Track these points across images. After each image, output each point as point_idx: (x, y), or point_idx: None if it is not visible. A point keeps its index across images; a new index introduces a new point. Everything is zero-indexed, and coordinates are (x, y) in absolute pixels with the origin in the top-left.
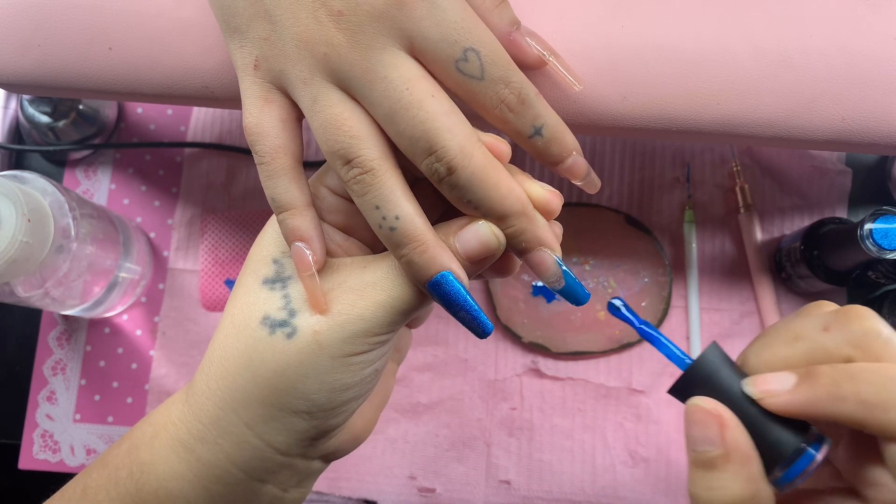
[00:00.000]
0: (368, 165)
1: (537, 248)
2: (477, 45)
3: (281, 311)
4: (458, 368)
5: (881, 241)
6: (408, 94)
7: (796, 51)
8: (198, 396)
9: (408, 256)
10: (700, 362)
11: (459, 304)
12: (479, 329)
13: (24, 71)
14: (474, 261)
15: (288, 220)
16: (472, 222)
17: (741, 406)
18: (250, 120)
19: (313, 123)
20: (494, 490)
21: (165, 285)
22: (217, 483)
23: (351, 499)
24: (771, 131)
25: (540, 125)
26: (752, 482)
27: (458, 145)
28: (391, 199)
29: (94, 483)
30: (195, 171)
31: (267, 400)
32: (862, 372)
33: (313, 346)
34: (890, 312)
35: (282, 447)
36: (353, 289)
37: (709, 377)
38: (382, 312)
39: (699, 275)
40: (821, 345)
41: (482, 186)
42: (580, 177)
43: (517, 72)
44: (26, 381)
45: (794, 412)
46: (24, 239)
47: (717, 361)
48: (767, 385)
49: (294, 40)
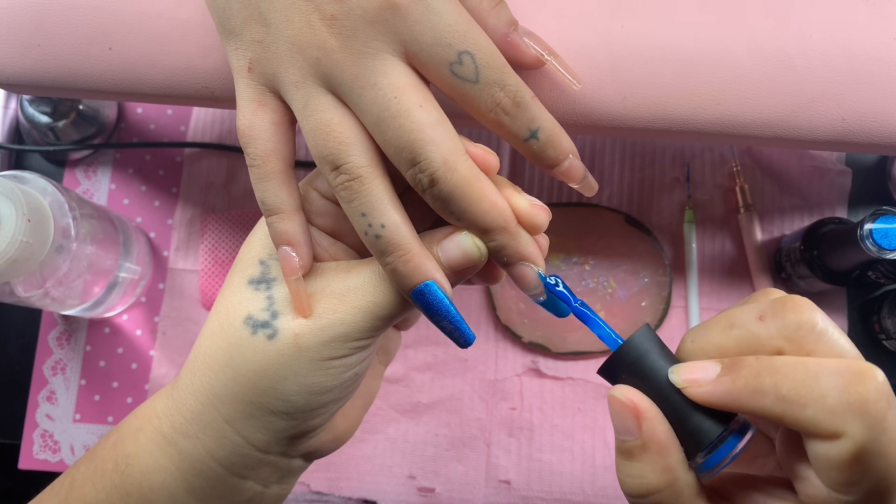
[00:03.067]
0: (356, 172)
1: (519, 263)
2: (472, 48)
3: (264, 313)
4: (458, 368)
5: (881, 241)
6: (395, 102)
7: (796, 51)
8: (181, 391)
9: (392, 265)
10: (629, 345)
11: (442, 313)
12: (460, 339)
13: (24, 71)
14: (457, 270)
15: (276, 224)
16: (455, 233)
17: (666, 392)
18: (243, 123)
19: (304, 127)
20: (494, 490)
21: (165, 285)
22: (198, 477)
23: (351, 499)
24: (771, 131)
25: (536, 128)
26: (669, 472)
27: (441, 157)
28: (377, 206)
29: (81, 476)
30: (195, 171)
31: (247, 398)
32: (784, 366)
33: (293, 348)
34: (890, 312)
35: (261, 445)
36: (335, 293)
37: (637, 360)
38: (363, 317)
39: (699, 275)
40: (754, 334)
41: (464, 200)
42: (577, 180)
43: (513, 75)
44: (26, 381)
45: (715, 403)
46: (24, 239)
47: (646, 344)
48: (691, 374)
49: (287, 43)
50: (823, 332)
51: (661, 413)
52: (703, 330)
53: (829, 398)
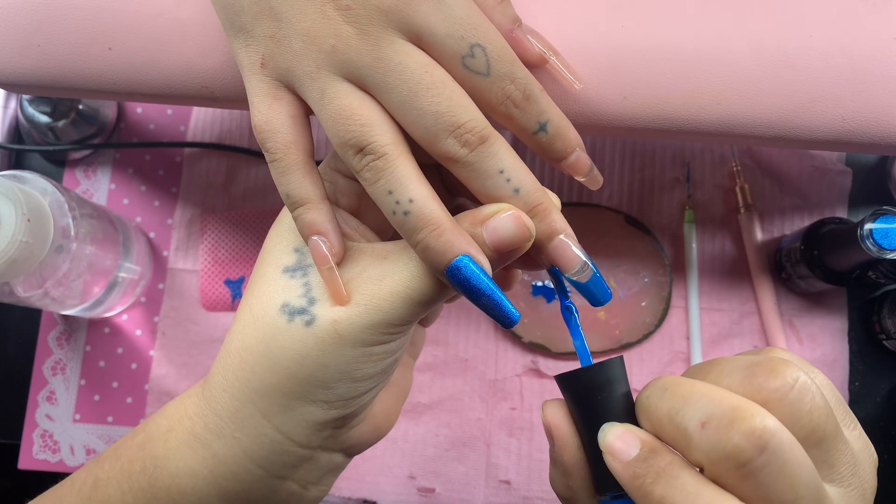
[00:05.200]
0: (381, 151)
1: (561, 237)
2: (483, 41)
3: (300, 299)
4: (458, 368)
5: (881, 240)
6: (428, 75)
7: (796, 51)
8: (214, 390)
9: (424, 241)
10: (594, 371)
11: (481, 289)
12: (504, 317)
13: (24, 71)
14: (502, 251)
15: (304, 215)
16: (500, 210)
17: (594, 429)
18: (259, 118)
19: (322, 116)
20: (494, 490)
21: (165, 285)
22: (233, 480)
23: (351, 499)
24: (771, 131)
25: (545, 121)
26: (570, 490)
27: (484, 118)
28: (404, 182)
29: (105, 475)
30: (195, 171)
31: (285, 388)
32: (683, 494)
33: (333, 335)
34: (890, 312)
35: (301, 439)
36: (372, 279)
37: (592, 389)
38: (401, 304)
39: (699, 275)
40: (687, 435)
41: (513, 155)
42: (583, 173)
43: (522, 68)
44: (26, 381)
45: (618, 480)
46: (24, 239)
47: (610, 379)
48: (616, 441)
49: (301, 36)
50: (751, 475)
51: (575, 443)
52: (664, 391)
53: None
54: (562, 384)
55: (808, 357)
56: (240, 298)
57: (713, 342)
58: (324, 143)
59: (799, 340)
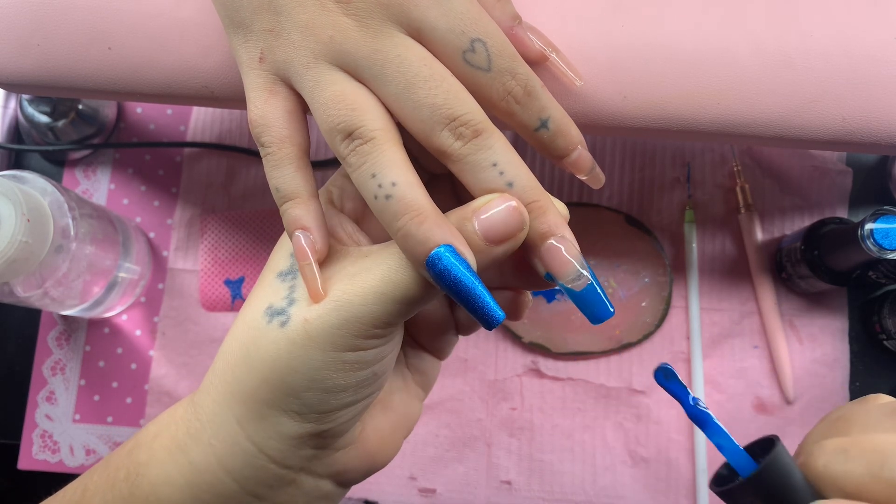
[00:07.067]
0: (369, 135)
1: (557, 237)
2: (484, 36)
3: (282, 301)
4: (458, 368)
5: (882, 241)
6: (427, 68)
7: (796, 51)
8: (201, 394)
9: (405, 228)
10: (766, 472)
11: (461, 281)
12: (486, 315)
13: (24, 71)
14: (494, 240)
15: (290, 210)
16: (491, 198)
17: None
18: (255, 112)
19: (314, 105)
20: (495, 490)
21: (165, 285)
22: (208, 492)
23: (351, 499)
24: (771, 131)
25: (546, 118)
26: None
27: (483, 112)
28: (389, 165)
29: (93, 485)
30: (195, 171)
31: (258, 395)
32: None
33: (302, 336)
34: (891, 312)
35: (275, 454)
36: (348, 275)
37: (771, 489)
38: (374, 300)
39: (699, 275)
40: None
41: (510, 150)
42: (585, 170)
43: (523, 64)
44: (26, 381)
45: None
46: (24, 239)
47: (782, 470)
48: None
49: (299, 28)
50: None
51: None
52: (845, 453)
53: None
54: (731, 496)
55: (809, 357)
56: (239, 298)
57: (713, 342)
58: (324, 145)
59: (799, 340)
